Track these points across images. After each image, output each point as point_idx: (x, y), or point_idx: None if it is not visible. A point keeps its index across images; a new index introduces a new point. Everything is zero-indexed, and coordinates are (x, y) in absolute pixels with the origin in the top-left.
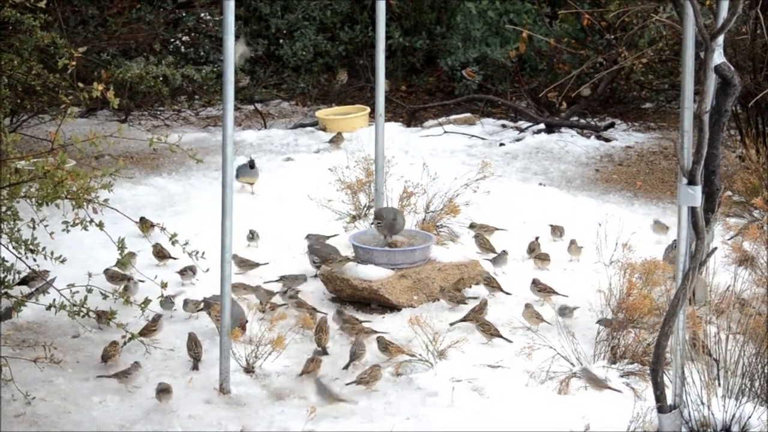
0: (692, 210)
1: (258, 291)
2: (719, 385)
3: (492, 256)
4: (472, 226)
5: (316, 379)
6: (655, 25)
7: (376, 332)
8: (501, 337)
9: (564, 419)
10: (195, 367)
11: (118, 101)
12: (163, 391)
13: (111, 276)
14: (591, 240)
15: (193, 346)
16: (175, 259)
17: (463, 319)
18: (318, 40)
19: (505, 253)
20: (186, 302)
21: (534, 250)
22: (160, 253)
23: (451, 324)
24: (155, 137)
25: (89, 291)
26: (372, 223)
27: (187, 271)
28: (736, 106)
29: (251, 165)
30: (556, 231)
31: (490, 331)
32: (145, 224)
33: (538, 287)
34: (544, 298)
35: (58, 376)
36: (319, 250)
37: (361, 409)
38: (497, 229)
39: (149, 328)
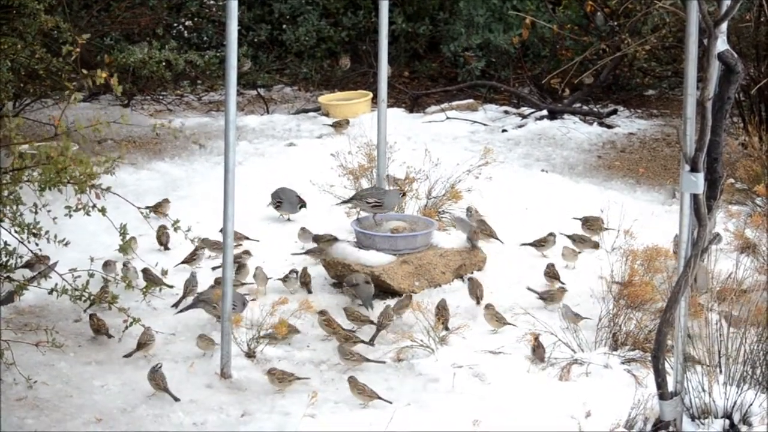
0: (694, 197)
1: (257, 275)
2: (720, 372)
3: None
4: (469, 210)
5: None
6: (659, 12)
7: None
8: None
9: (565, 405)
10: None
11: (121, 88)
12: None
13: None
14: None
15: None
16: (167, 249)
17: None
18: (321, 25)
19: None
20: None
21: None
22: (161, 239)
23: None
24: (159, 122)
25: (91, 276)
26: (369, 204)
27: (196, 254)
28: (739, 93)
29: (302, 205)
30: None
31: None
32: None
33: (551, 274)
34: (550, 285)
35: (60, 360)
36: (365, 195)
37: None
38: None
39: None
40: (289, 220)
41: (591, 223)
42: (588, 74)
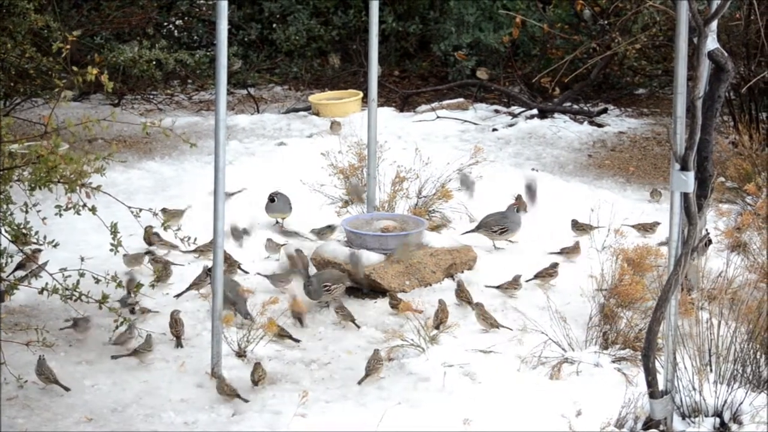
0: (685, 196)
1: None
2: (711, 370)
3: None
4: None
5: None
6: (649, 11)
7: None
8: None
9: (555, 404)
10: (179, 345)
11: (112, 85)
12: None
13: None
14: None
15: (175, 324)
16: (158, 248)
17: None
18: (311, 24)
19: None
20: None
21: None
22: (149, 240)
23: None
24: (149, 121)
25: (81, 275)
26: (494, 232)
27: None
28: (729, 92)
29: (272, 199)
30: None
31: (490, 321)
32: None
33: (542, 275)
34: (543, 281)
35: (50, 360)
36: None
37: (353, 393)
38: None
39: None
40: (279, 222)
41: (580, 225)
42: (573, 77)
